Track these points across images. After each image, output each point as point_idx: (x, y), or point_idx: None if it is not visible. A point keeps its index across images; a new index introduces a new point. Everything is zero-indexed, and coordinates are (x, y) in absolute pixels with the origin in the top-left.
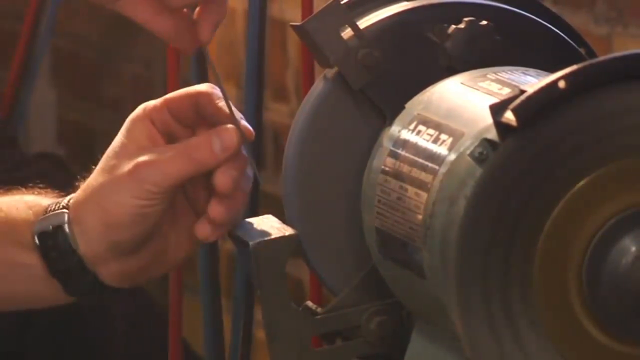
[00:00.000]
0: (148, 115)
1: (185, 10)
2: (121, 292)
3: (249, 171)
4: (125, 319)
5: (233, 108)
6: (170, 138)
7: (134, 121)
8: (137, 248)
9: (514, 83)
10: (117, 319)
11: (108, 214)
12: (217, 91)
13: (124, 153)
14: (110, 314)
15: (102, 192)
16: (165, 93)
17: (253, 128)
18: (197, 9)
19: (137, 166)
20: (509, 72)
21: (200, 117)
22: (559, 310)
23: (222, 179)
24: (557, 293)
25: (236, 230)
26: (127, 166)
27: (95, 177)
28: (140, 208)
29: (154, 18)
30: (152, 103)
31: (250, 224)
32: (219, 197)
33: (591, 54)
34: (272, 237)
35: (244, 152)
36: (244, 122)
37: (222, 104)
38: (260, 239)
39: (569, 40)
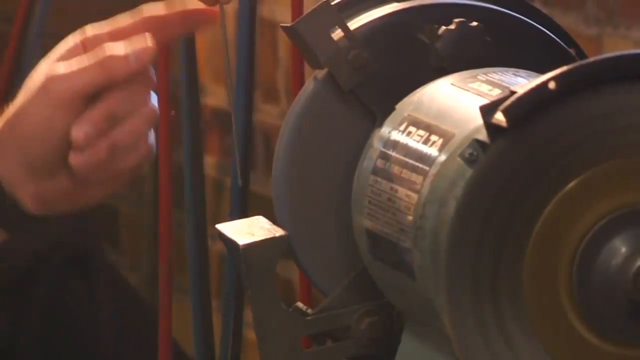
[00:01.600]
0: (83, 41)
1: None
2: (110, 290)
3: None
4: (115, 319)
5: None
6: None
7: (66, 44)
8: (52, 169)
9: (504, 84)
10: (106, 319)
11: (19, 127)
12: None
13: (45, 68)
14: (100, 314)
15: (17, 108)
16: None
17: (243, 129)
18: None
19: (48, 76)
20: (500, 73)
21: None
22: (549, 311)
23: (76, 131)
24: (548, 293)
25: (226, 231)
26: (40, 79)
27: (19, 95)
28: (48, 119)
29: None
30: (93, 31)
31: (241, 225)
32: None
33: (581, 54)
34: (262, 238)
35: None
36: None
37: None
38: (251, 240)
39: (559, 41)
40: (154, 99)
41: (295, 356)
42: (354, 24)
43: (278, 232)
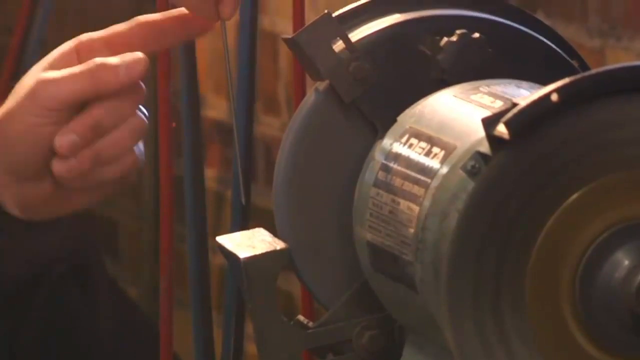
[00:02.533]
0: (76, 47)
1: None
2: (110, 303)
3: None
4: (115, 331)
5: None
6: None
7: (59, 50)
8: (36, 174)
9: (506, 96)
10: (106, 331)
11: (5, 131)
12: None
13: (36, 73)
14: (100, 327)
15: (5, 111)
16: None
17: (244, 141)
18: None
19: (38, 83)
20: (502, 85)
21: (208, 13)
22: (551, 324)
23: (60, 140)
24: (550, 307)
25: (226, 244)
26: (29, 85)
27: (9, 98)
28: (34, 126)
29: None
30: (88, 37)
31: (241, 237)
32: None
33: (584, 66)
34: (263, 251)
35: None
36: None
37: None
38: (251, 253)
39: (562, 53)
40: (142, 111)
41: None
42: (355, 35)
43: (279, 244)
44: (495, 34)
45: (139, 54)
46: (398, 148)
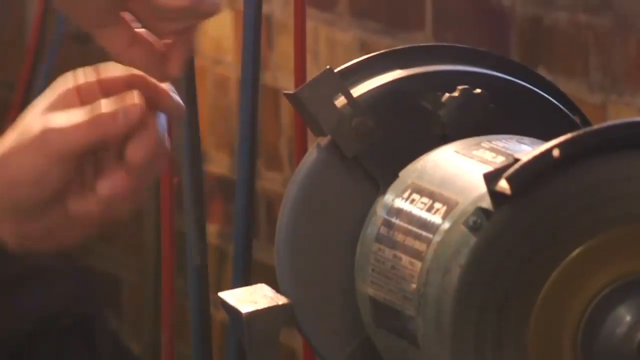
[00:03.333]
0: (77, 88)
1: (156, 44)
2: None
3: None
4: None
5: (168, 85)
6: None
7: (60, 89)
8: (39, 212)
9: (508, 151)
10: None
11: (9, 173)
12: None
13: (39, 115)
14: None
15: (8, 151)
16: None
17: (246, 196)
18: (168, 42)
19: (44, 131)
20: (503, 141)
21: (158, 74)
22: None
23: (132, 150)
24: None
25: (228, 299)
26: (37, 129)
27: (9, 134)
28: (40, 173)
29: (127, 49)
30: (84, 77)
31: (243, 293)
32: (127, 168)
33: (585, 122)
34: (265, 306)
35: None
36: (176, 97)
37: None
38: (253, 309)
39: (564, 109)
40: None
41: None
42: (357, 91)
43: (281, 300)
44: (496, 90)
45: (135, 99)
46: (400, 203)
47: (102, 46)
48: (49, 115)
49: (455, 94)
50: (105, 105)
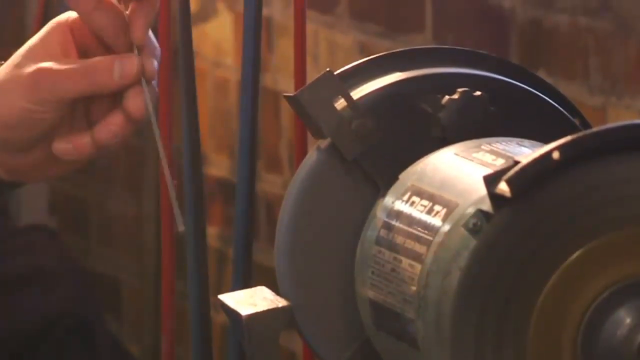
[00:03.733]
0: (70, 24)
1: (121, 8)
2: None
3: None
4: None
5: (151, 39)
6: (85, 53)
7: (54, 26)
8: (28, 148)
9: (508, 154)
10: None
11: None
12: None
13: (33, 54)
14: None
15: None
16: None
17: (246, 198)
18: (130, 8)
19: (37, 71)
20: (503, 143)
21: (124, 40)
22: None
23: (133, 103)
24: None
25: (228, 302)
26: (29, 69)
27: (2, 68)
28: (30, 113)
29: (93, 12)
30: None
31: (243, 295)
32: (127, 117)
33: (585, 124)
34: (265, 309)
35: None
36: (154, 62)
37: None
38: (253, 311)
39: (563, 111)
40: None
41: None
42: (357, 93)
43: (281, 302)
44: (496, 92)
45: (133, 56)
46: (400, 206)
47: (71, 6)
48: (44, 57)
49: (455, 96)
50: (103, 62)
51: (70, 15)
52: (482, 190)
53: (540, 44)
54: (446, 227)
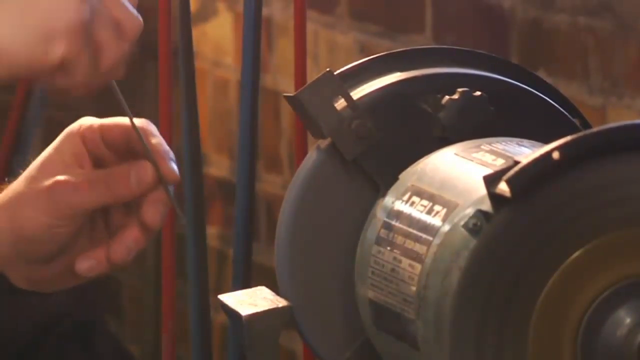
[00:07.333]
0: (82, 133)
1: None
2: None
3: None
4: None
5: (163, 146)
6: (98, 162)
7: (66, 136)
8: (48, 260)
9: (508, 154)
10: None
11: (19, 225)
12: (151, 127)
13: (48, 167)
14: None
15: (18, 202)
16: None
17: (246, 198)
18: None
19: (55, 185)
20: (503, 143)
21: (131, 150)
22: None
23: (150, 214)
24: None
25: (228, 302)
26: (47, 182)
27: (17, 184)
28: (51, 227)
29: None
30: (88, 122)
31: (243, 295)
32: (144, 229)
33: (585, 124)
34: (265, 309)
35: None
36: (172, 164)
37: (154, 141)
38: (253, 311)
39: (563, 111)
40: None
41: None
42: (357, 93)
43: (281, 302)
44: (496, 92)
45: (146, 162)
46: (400, 206)
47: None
48: (60, 170)
49: (455, 96)
50: (119, 171)
51: (82, 123)
52: (482, 191)
53: (540, 43)
54: (446, 227)
